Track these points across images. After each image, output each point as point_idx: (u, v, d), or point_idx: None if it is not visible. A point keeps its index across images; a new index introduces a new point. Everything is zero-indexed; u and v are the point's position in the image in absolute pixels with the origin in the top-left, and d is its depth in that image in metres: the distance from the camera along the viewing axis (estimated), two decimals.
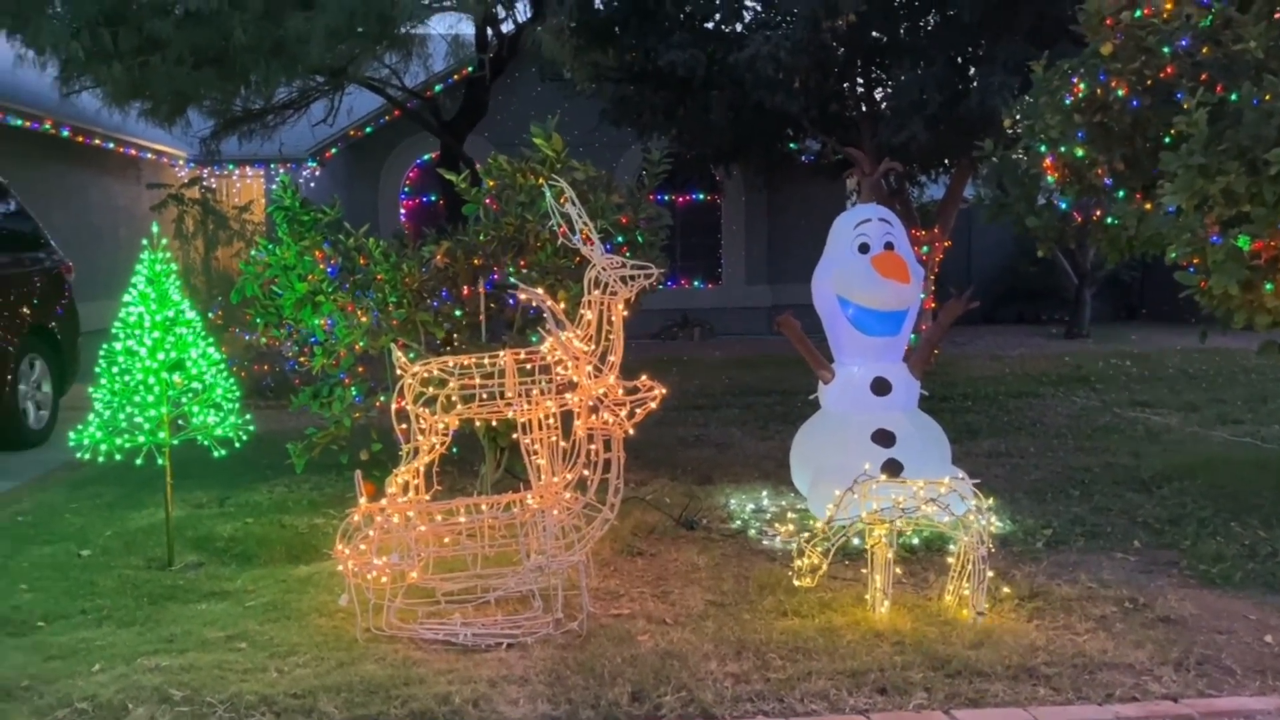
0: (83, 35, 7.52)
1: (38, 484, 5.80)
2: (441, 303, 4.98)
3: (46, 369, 7.11)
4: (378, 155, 14.11)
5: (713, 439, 6.91)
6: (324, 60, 8.48)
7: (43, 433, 6.99)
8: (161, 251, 4.23)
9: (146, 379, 4.11)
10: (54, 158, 11.23)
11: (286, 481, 5.59)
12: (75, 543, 4.55)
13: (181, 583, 4.04)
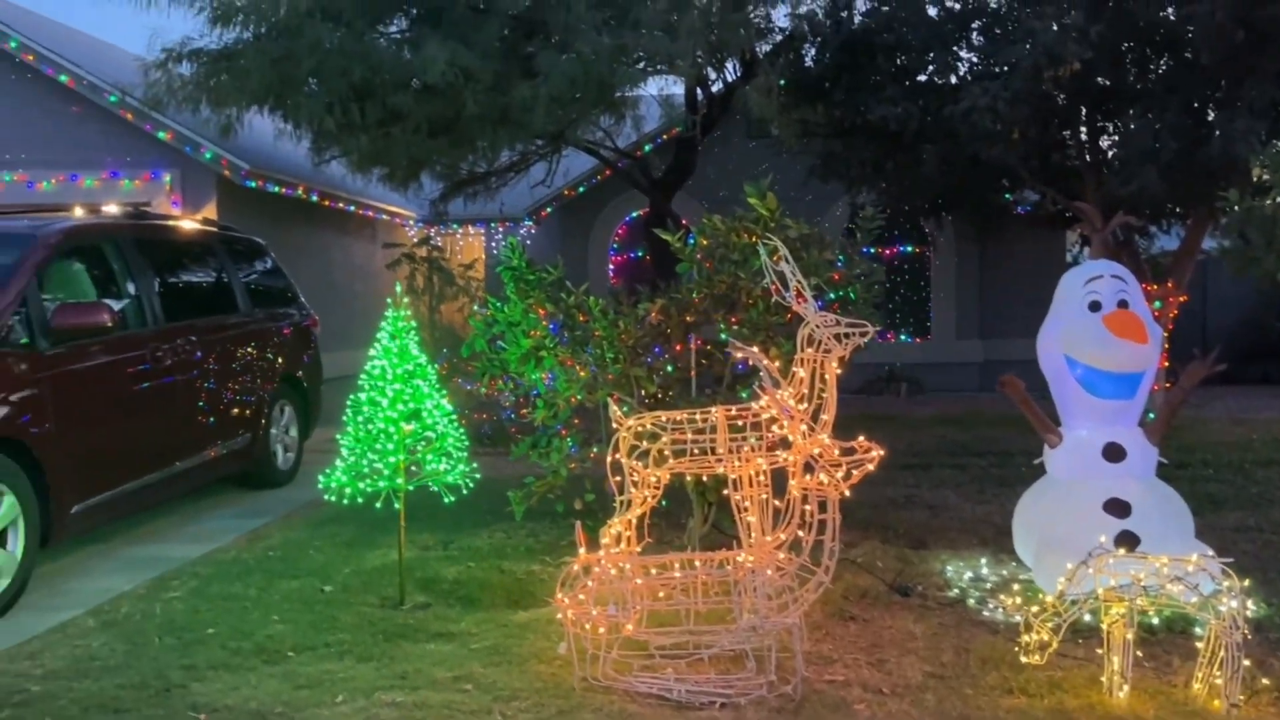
0: (334, 110, 8.27)
1: (285, 521, 6.31)
2: (655, 358, 5.10)
3: (294, 414, 7.75)
4: (589, 212, 14.67)
5: (925, 501, 6.69)
6: (545, 126, 8.94)
7: (289, 473, 7.60)
8: (403, 309, 4.56)
9: (387, 427, 4.42)
10: (304, 220, 12.35)
11: (505, 528, 5.83)
12: (319, 578, 4.92)
13: (412, 622, 4.27)
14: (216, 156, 10.33)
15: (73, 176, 10.79)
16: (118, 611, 4.49)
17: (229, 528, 6.17)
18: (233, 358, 6.80)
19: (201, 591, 4.76)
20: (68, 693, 3.54)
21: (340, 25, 8.06)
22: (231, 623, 4.28)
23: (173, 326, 6.15)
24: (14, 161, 10.90)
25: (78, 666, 3.81)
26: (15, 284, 4.96)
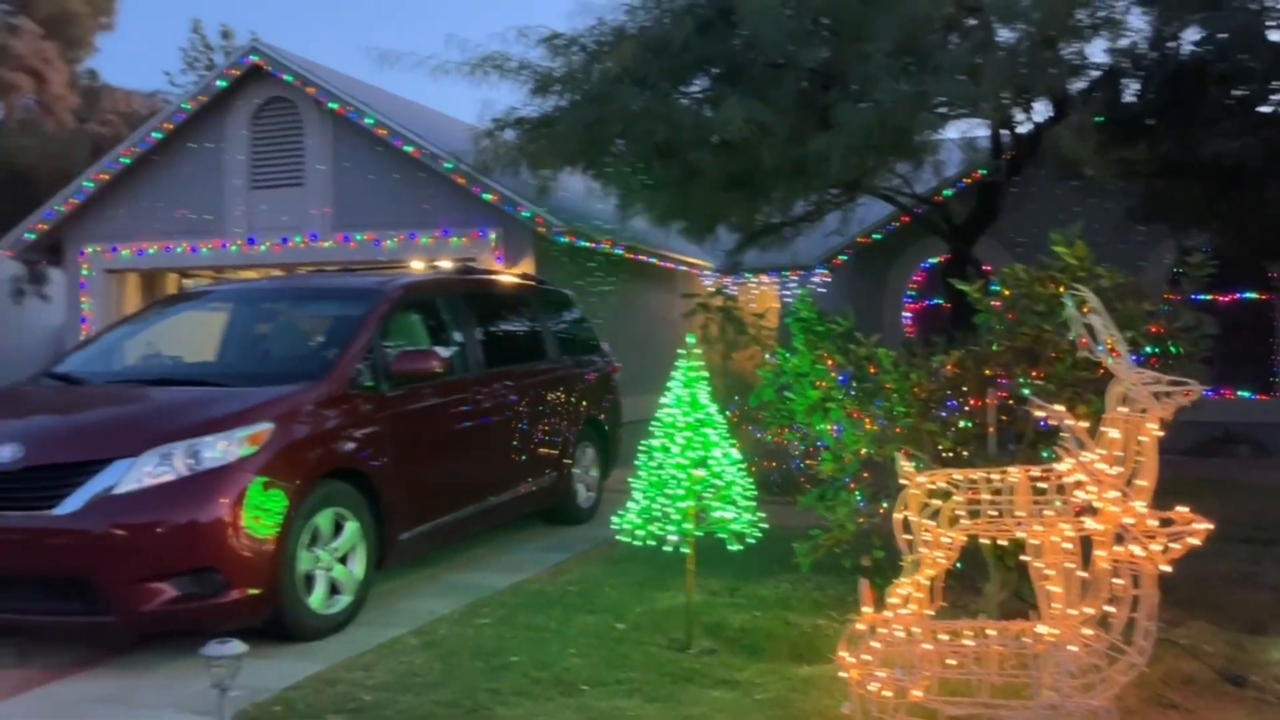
0: (639, 168, 8.74)
1: (583, 558, 6.65)
2: (949, 413, 4.93)
3: (596, 455, 8.18)
4: (884, 259, 14.39)
5: (1267, 580, 5.94)
6: (841, 175, 8.93)
7: (590, 511, 8.02)
8: (695, 359, 4.72)
9: (676, 474, 4.57)
10: (608, 273, 13.05)
11: (791, 579, 5.81)
12: (612, 615, 5.15)
13: (698, 666, 4.36)
14: (533, 215, 11.18)
15: (411, 235, 12.09)
16: (436, 633, 4.93)
17: (535, 561, 6.60)
18: (542, 401, 7.31)
19: (509, 620, 5.13)
20: (392, 704, 3.94)
21: (646, 89, 8.52)
22: (533, 652, 4.57)
23: (492, 372, 6.72)
24: (366, 223, 12.38)
25: (401, 681, 4.22)
26: (364, 334, 5.64)
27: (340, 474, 5.16)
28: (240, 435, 4.69)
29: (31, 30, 17.10)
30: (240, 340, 6.26)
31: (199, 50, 29.52)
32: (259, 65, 12.65)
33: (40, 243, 14.00)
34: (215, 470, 4.57)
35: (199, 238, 13.28)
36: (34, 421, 4.97)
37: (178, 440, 4.59)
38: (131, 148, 13.32)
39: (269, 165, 12.94)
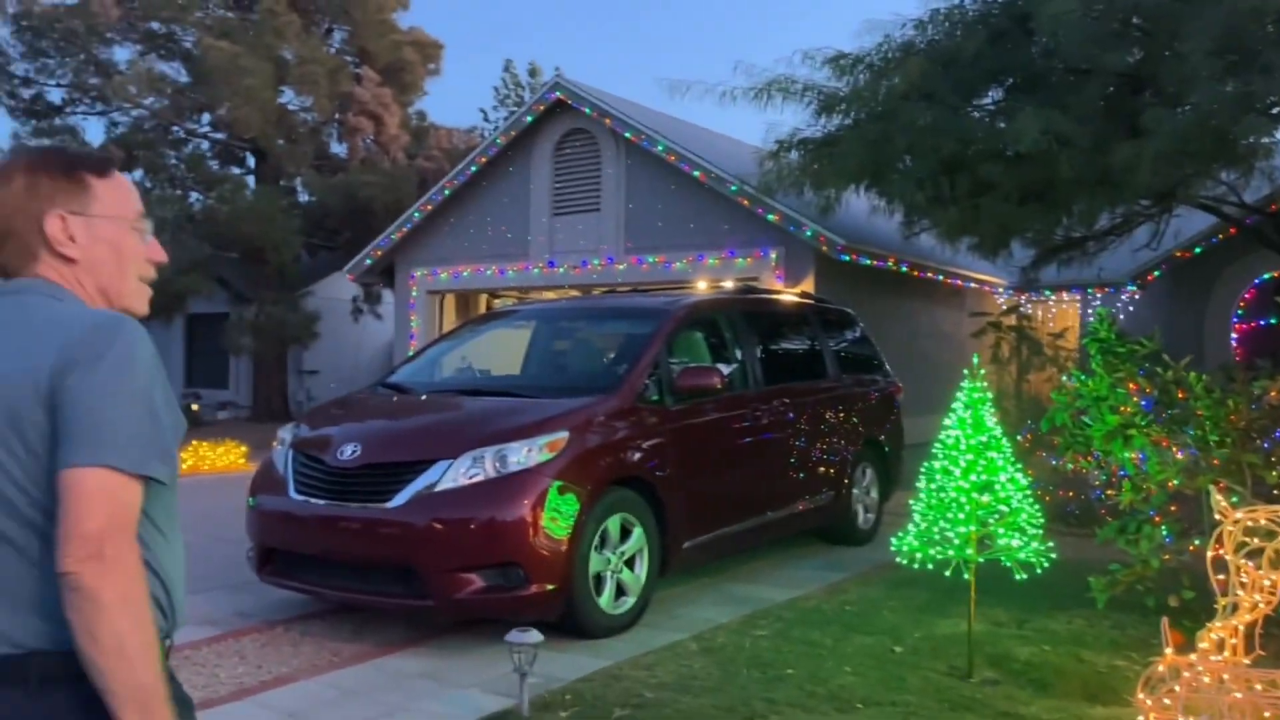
0: (925, 185, 8.58)
1: (861, 578, 6.61)
2: (1274, 444, 4.48)
3: (874, 476, 8.08)
4: (1205, 276, 13.14)
5: None
6: (1152, 185, 8.31)
7: (868, 533, 7.93)
8: (980, 380, 4.60)
9: (958, 498, 4.47)
10: (892, 290, 12.83)
11: (1086, 614, 5.48)
12: (890, 638, 5.10)
13: (979, 696, 4.24)
14: (816, 234, 11.25)
15: (700, 256, 12.51)
16: (715, 640, 5.10)
17: (812, 578, 6.64)
18: (821, 420, 7.34)
19: (785, 633, 5.21)
20: (672, 704, 4.14)
21: (933, 104, 8.36)
22: (808, 666, 4.63)
23: (771, 389, 6.85)
24: (656, 245, 12.95)
25: (681, 683, 4.42)
26: (651, 351, 5.95)
27: (628, 482, 5.47)
28: (541, 442, 5.10)
29: (371, 78, 19.32)
30: (541, 355, 6.79)
31: (509, 88, 32.11)
32: (561, 100, 13.61)
33: (375, 267, 15.79)
34: (519, 473, 5.00)
35: (506, 261, 14.44)
36: (371, 425, 5.66)
37: (488, 445, 5.07)
38: (452, 180, 14.75)
39: (569, 193, 13.86)
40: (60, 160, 1.67)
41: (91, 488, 1.44)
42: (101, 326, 1.54)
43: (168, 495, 1.59)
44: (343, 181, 17.94)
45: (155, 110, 19.32)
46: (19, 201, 1.61)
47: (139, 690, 1.42)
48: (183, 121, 20.01)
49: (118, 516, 1.45)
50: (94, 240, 1.64)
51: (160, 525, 1.59)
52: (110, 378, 1.49)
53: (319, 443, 5.49)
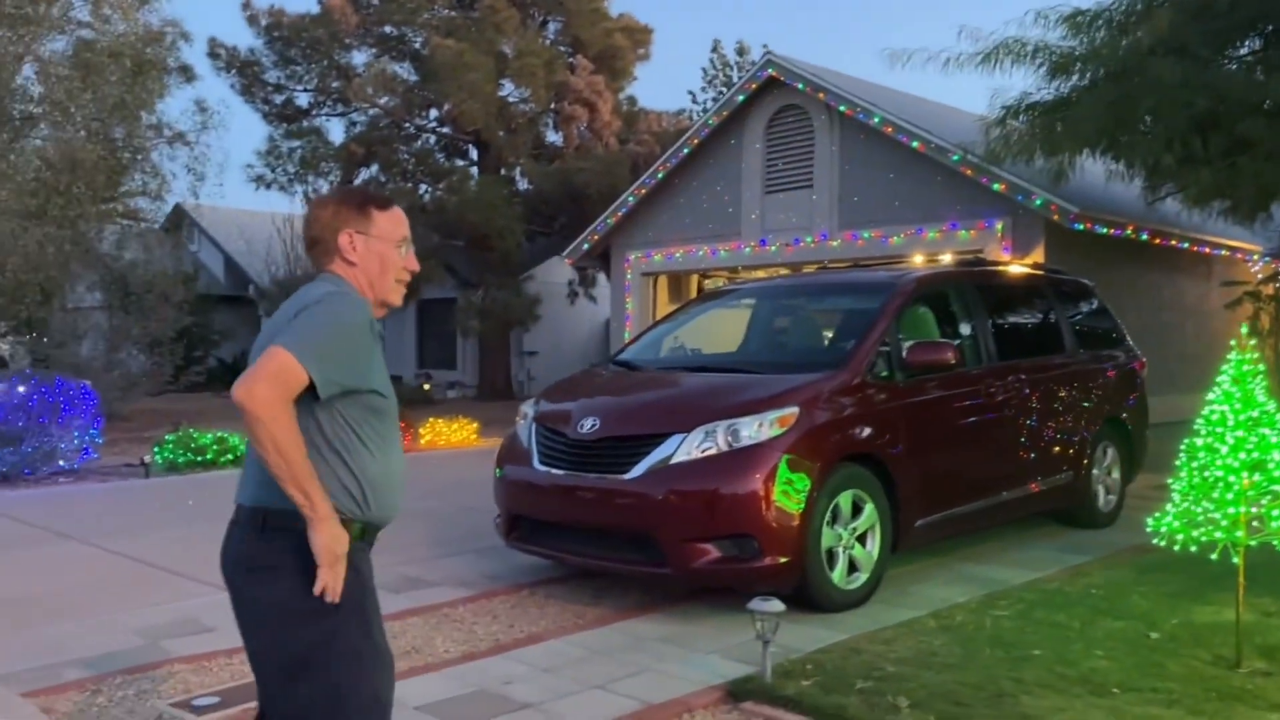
0: (1173, 145, 8.00)
1: (1105, 562, 6.30)
2: None
3: (1116, 456, 7.66)
4: None
5: None
6: None
7: (1110, 515, 7.53)
8: (1249, 352, 4.29)
9: (1225, 477, 4.19)
10: (1129, 261, 12.04)
11: None
12: (1143, 623, 4.85)
13: (1250, 687, 3.98)
14: (1046, 202, 10.70)
15: (919, 230, 12.17)
16: (953, 619, 5.02)
17: (1049, 559, 6.39)
18: (1058, 397, 7.02)
19: (1026, 615, 5.06)
20: (915, 679, 4.12)
21: (1183, 58, 7.77)
22: (1055, 648, 4.48)
23: (1004, 365, 6.62)
24: (872, 220, 12.71)
25: (921, 659, 4.39)
26: (880, 326, 5.88)
27: (858, 458, 5.46)
28: (771, 417, 5.17)
29: (585, 67, 19.90)
30: (766, 332, 6.83)
31: (717, 68, 32.18)
32: (773, 77, 13.55)
33: (592, 251, 16.29)
34: (751, 447, 5.09)
35: (718, 241, 14.56)
36: (607, 400, 5.89)
37: (721, 420, 5.18)
38: (665, 163, 14.99)
39: (781, 170, 13.81)
40: (356, 197, 2.51)
41: (271, 352, 2.16)
42: (327, 294, 2.32)
43: (375, 421, 2.33)
44: (559, 169, 18.59)
45: (389, 109, 20.66)
46: (328, 221, 2.46)
47: (291, 475, 2.13)
48: (412, 118, 21.31)
49: (275, 375, 2.14)
50: (369, 252, 2.45)
51: (363, 438, 2.31)
52: (316, 316, 2.25)
53: (559, 416, 5.78)
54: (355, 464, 2.29)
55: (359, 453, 2.30)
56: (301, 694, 2.25)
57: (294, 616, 2.26)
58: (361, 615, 2.29)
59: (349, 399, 2.28)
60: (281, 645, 2.29)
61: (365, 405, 2.31)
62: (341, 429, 2.28)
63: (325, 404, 2.24)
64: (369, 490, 2.31)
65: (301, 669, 2.25)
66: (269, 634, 2.31)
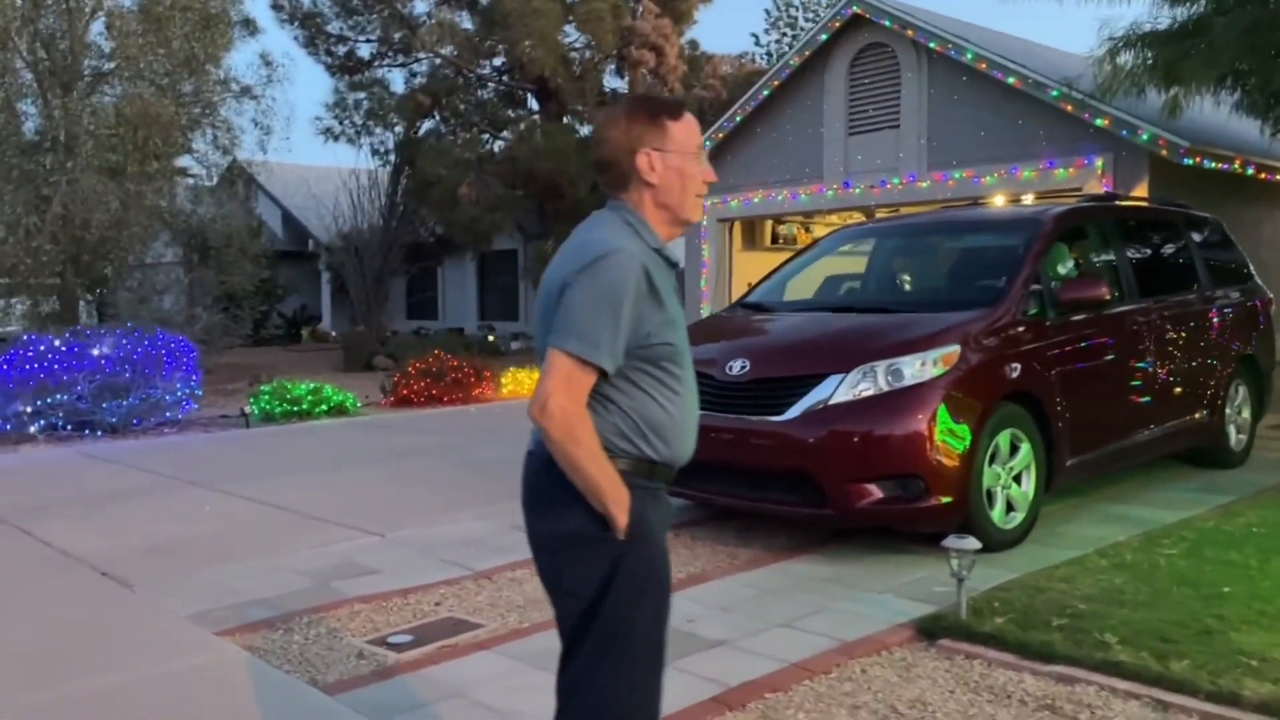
0: None
1: (1254, 501, 6.17)
2: None
3: (1247, 395, 7.49)
4: None
5: None
6: None
7: (1240, 455, 7.39)
8: None
9: None
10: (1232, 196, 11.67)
11: None
12: None
13: None
14: (1154, 137, 10.37)
15: (1012, 169, 11.88)
16: (1122, 557, 4.95)
17: (1191, 500, 6.28)
18: (1196, 334, 6.87)
19: (1196, 553, 4.97)
20: (1110, 615, 4.07)
21: None
22: (1243, 586, 4.41)
23: (1145, 303, 6.47)
24: (962, 160, 12.42)
25: (1110, 597, 4.32)
26: (1029, 262, 5.75)
27: (1013, 397, 5.37)
28: (934, 356, 5.09)
29: (650, 10, 19.58)
30: (904, 271, 6.71)
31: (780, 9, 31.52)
32: (858, 14, 13.22)
33: None
34: (914, 387, 5.02)
35: (798, 185, 14.34)
36: (753, 342, 5.82)
37: (880, 359, 5.11)
38: (743, 106, 14.74)
39: (865, 110, 13.52)
40: (647, 108, 2.28)
41: (551, 361, 2.10)
42: (595, 257, 2.13)
43: (659, 371, 2.20)
44: None
45: (450, 59, 20.50)
46: (619, 140, 2.25)
47: (585, 486, 2.13)
48: (474, 67, 21.14)
49: (563, 384, 2.09)
50: (668, 170, 2.24)
51: (645, 387, 2.20)
52: (583, 293, 2.11)
53: (703, 360, 5.72)
54: (639, 411, 2.21)
55: (642, 400, 2.21)
56: (592, 624, 2.24)
57: (582, 548, 2.22)
58: (648, 550, 2.24)
59: (631, 354, 2.18)
60: (570, 576, 2.28)
61: (647, 357, 2.20)
62: (622, 380, 2.18)
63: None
64: (651, 434, 2.22)
65: (590, 600, 2.24)
66: (557, 562, 2.31)
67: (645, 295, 2.15)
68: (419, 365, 13.36)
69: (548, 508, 2.29)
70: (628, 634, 2.21)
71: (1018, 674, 3.68)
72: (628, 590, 2.21)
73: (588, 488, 2.14)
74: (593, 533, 2.19)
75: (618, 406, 2.21)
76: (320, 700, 3.59)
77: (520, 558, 5.38)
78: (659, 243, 2.27)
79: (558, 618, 2.35)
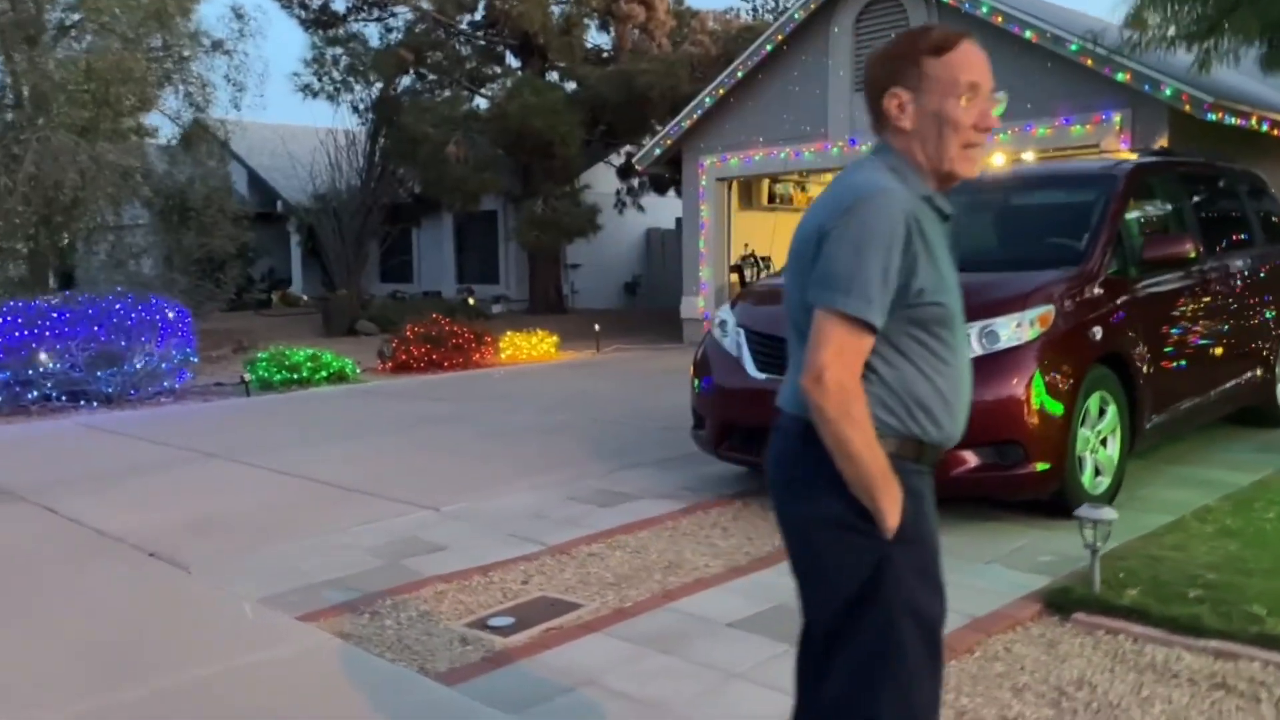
0: None
1: None
2: None
3: None
4: None
5: None
6: None
7: None
8: None
9: None
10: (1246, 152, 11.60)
11: None
12: None
13: None
14: (1177, 92, 10.23)
15: (1027, 126, 11.69)
16: (1221, 522, 4.79)
17: (1260, 461, 6.17)
18: (1252, 291, 6.75)
19: None
20: (1245, 585, 3.90)
21: None
22: None
23: (1215, 260, 6.32)
24: None
25: (1232, 565, 4.16)
26: (1111, 218, 5.56)
27: (1102, 358, 5.20)
28: (1030, 316, 4.89)
29: None
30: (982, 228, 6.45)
31: None
32: None
33: (663, 157, 15.78)
34: (1012, 349, 4.82)
35: (801, 142, 14.07)
36: None
37: (973, 321, 4.88)
38: (744, 62, 14.39)
39: None
40: (906, 44, 2.02)
41: (821, 324, 1.87)
42: (855, 200, 1.89)
43: (926, 335, 1.94)
44: (619, 71, 17.91)
45: (429, 12, 19.85)
46: (875, 79, 2.03)
47: (855, 477, 1.88)
48: (453, 22, 20.50)
49: (837, 353, 1.85)
50: (921, 114, 1.97)
51: (909, 354, 1.94)
52: (842, 242, 1.87)
53: (774, 322, 5.49)
54: (903, 384, 1.95)
55: (908, 372, 1.95)
56: (845, 616, 2.01)
57: (838, 533, 1.99)
58: (916, 539, 1.98)
59: (896, 314, 1.92)
60: (823, 563, 2.04)
61: (915, 319, 1.93)
62: (884, 345, 1.92)
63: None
64: (917, 410, 1.96)
65: (843, 590, 2.00)
66: (811, 551, 2.07)
67: (915, 245, 1.89)
68: (417, 329, 12.98)
69: (805, 489, 2.02)
70: (897, 644, 1.96)
71: (1171, 649, 3.51)
72: (897, 594, 1.96)
73: (858, 478, 1.89)
74: (857, 524, 1.95)
75: (878, 376, 1.95)
76: (441, 693, 3.33)
77: (589, 531, 5.16)
78: (928, 190, 2.00)
79: (804, 606, 2.12)
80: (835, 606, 2.02)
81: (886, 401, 1.95)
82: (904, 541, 1.95)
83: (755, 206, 16.45)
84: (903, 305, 1.91)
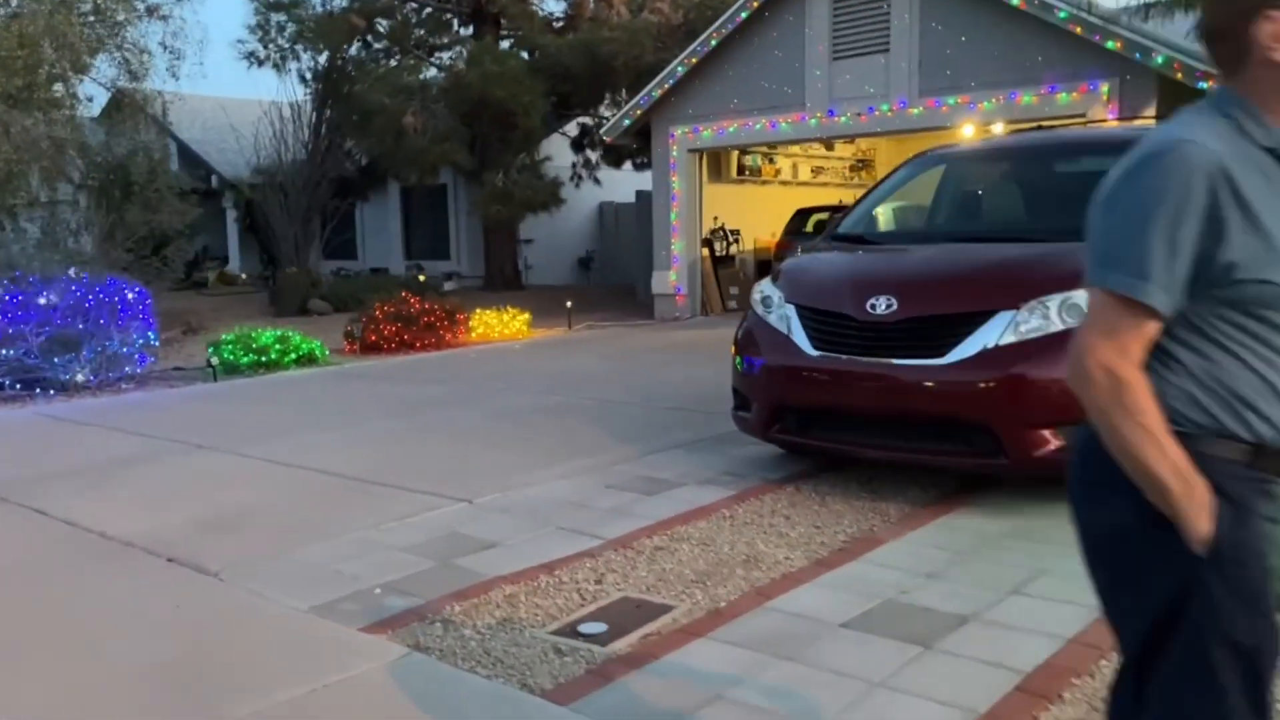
0: None
1: None
2: None
3: None
4: None
5: None
6: None
7: None
8: None
9: None
10: None
11: None
12: None
13: None
14: (1169, 60, 10.18)
15: (1011, 94, 11.57)
16: None
17: None
18: None
19: None
20: None
21: None
22: None
23: None
24: (957, 85, 12.05)
25: None
26: None
27: None
28: None
29: None
30: (1021, 196, 6.22)
31: None
32: None
33: (632, 128, 15.37)
34: None
35: (777, 113, 13.80)
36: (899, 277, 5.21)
37: (1052, 294, 4.66)
38: (718, 30, 14.03)
39: (851, 34, 13.00)
40: None
41: (1090, 303, 1.68)
42: (1145, 155, 1.63)
43: (1243, 316, 1.63)
44: (582, 39, 17.39)
45: None
46: (1234, 6, 1.65)
47: (1141, 477, 1.62)
48: None
49: (1104, 335, 1.63)
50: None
51: (1222, 339, 1.64)
52: (1121, 208, 1.64)
53: (830, 297, 5.21)
54: (1218, 377, 1.66)
55: (1226, 362, 1.65)
56: (1147, 644, 1.73)
57: (1133, 544, 1.71)
58: (1237, 560, 1.66)
59: (1206, 294, 1.63)
60: (1118, 577, 1.76)
61: (1232, 300, 1.63)
62: (1191, 331, 1.66)
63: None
64: (1240, 406, 1.65)
65: (1145, 613, 1.72)
66: (1103, 563, 1.79)
67: (1225, 210, 1.58)
68: (387, 308, 12.45)
69: (1093, 491, 1.75)
70: (1208, 682, 1.67)
71: None
72: (1211, 621, 1.66)
73: (1144, 478, 1.62)
74: (1153, 534, 1.66)
75: (1183, 367, 1.67)
76: (554, 712, 2.99)
77: (645, 522, 4.84)
78: (1276, 141, 1.67)
79: (1114, 636, 1.83)
80: (1141, 631, 1.74)
81: (1195, 395, 1.67)
82: (1220, 560, 1.64)
83: (725, 179, 16.17)
84: (1213, 283, 1.61)
